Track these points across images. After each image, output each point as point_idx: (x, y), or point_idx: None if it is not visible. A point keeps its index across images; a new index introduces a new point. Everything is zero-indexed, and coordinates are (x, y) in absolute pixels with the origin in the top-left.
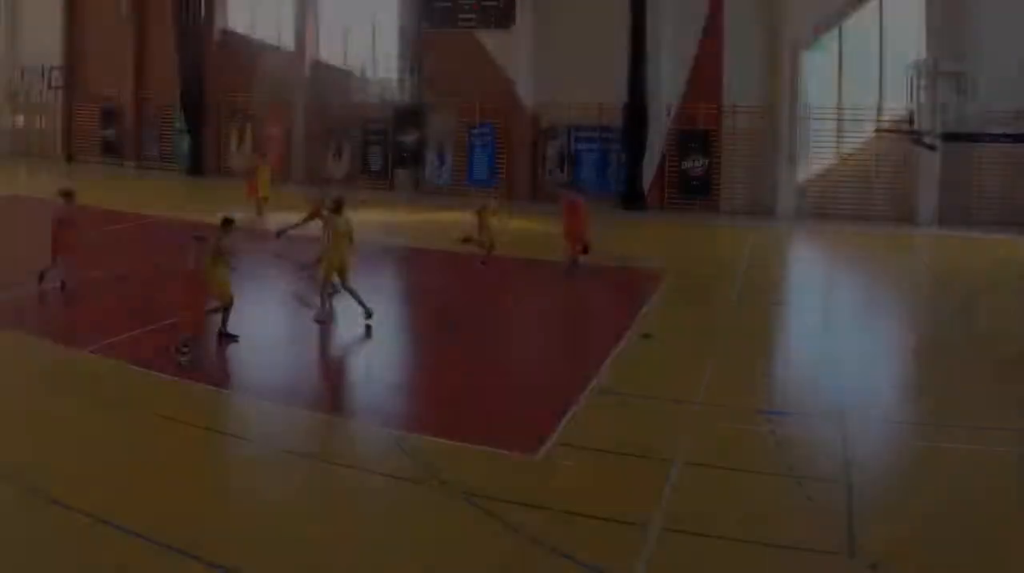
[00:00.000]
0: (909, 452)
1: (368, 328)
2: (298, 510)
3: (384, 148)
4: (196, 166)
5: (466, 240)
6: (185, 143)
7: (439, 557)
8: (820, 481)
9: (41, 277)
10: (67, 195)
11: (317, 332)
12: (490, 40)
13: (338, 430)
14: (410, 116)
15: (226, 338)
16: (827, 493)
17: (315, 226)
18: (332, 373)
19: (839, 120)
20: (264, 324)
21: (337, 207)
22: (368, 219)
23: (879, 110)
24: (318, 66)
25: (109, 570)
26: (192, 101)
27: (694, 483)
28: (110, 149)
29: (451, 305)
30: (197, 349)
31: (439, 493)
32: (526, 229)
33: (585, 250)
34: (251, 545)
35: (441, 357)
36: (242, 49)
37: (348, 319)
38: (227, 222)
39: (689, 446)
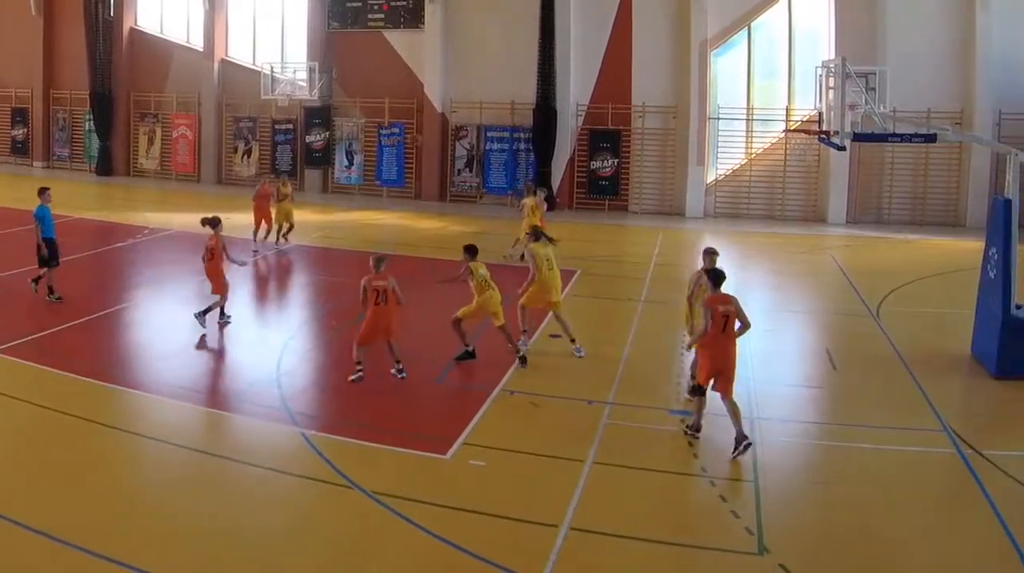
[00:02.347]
0: (818, 452)
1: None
2: (205, 509)
3: (293, 148)
4: (106, 167)
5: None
6: (95, 143)
7: (348, 557)
8: (732, 481)
9: (222, 316)
10: (214, 223)
11: (222, 334)
12: (399, 40)
13: (246, 430)
14: (319, 116)
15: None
16: (739, 493)
17: None
18: (242, 373)
19: (749, 120)
20: (171, 325)
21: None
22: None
23: (788, 110)
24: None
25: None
26: (102, 101)
27: (605, 484)
28: (19, 149)
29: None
30: None
31: (348, 493)
32: (437, 229)
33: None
34: (158, 544)
35: (350, 356)
36: (152, 48)
37: (258, 319)
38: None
39: (600, 446)
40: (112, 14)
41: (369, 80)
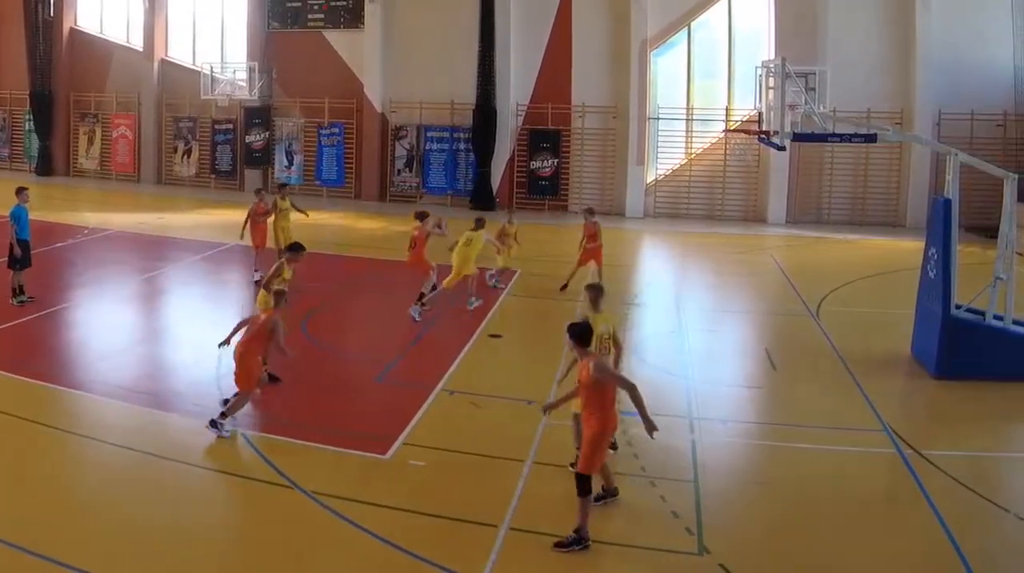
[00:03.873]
0: (758, 452)
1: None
2: (144, 509)
3: (233, 148)
4: (46, 167)
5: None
6: (35, 143)
7: (287, 556)
8: (672, 481)
9: (422, 296)
10: (422, 216)
11: (162, 334)
12: (339, 40)
13: (186, 430)
14: (259, 116)
15: None
16: (679, 493)
17: None
18: (181, 373)
19: (689, 120)
20: (111, 326)
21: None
22: (217, 221)
23: (728, 110)
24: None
25: None
26: (42, 101)
27: (545, 484)
28: None
29: (305, 305)
30: None
31: (288, 493)
32: (377, 229)
33: None
34: (97, 544)
35: (291, 357)
36: (92, 48)
37: (197, 319)
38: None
39: (540, 446)
40: (52, 14)
41: (309, 80)
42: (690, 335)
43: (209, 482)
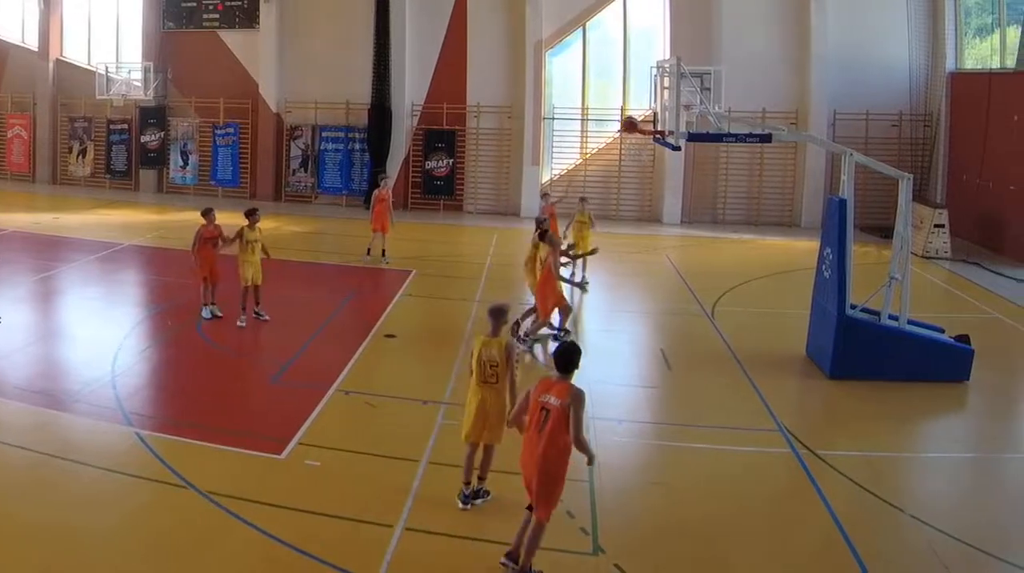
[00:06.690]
0: (653, 452)
1: None
2: (37, 510)
3: (128, 148)
4: None
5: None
6: None
7: (182, 556)
8: (567, 481)
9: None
10: (550, 207)
11: (57, 334)
12: (234, 40)
13: (80, 430)
14: (154, 116)
15: None
16: (573, 493)
17: None
18: (77, 373)
19: (584, 120)
20: (5, 326)
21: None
22: (112, 221)
23: (623, 110)
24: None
25: None
26: None
27: (441, 483)
28: None
29: (198, 306)
30: None
31: (183, 492)
32: (271, 229)
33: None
34: None
35: (185, 357)
36: None
37: (92, 318)
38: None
39: (435, 446)
40: None
41: (204, 80)
42: (585, 335)
43: (104, 482)
